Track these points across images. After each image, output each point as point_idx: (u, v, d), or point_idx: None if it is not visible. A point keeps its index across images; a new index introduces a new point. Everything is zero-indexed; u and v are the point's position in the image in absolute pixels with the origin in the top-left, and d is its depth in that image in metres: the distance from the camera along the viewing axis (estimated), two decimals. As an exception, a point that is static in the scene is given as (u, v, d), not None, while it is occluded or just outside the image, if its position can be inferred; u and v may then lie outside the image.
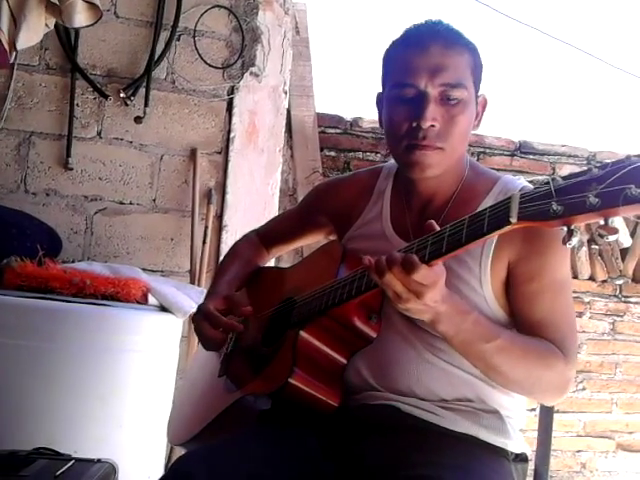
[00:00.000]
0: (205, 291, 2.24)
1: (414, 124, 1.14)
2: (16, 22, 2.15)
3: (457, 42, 1.17)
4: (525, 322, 1.14)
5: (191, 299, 2.06)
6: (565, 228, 0.81)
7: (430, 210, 1.22)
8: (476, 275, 1.14)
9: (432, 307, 0.98)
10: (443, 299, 0.98)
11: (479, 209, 1.15)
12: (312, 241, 1.53)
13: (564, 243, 0.81)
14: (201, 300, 2.13)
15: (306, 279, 1.27)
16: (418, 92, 1.14)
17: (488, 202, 1.18)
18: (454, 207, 1.20)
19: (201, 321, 1.28)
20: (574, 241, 0.81)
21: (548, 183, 0.83)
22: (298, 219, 1.49)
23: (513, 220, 0.85)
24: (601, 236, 0.79)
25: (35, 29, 2.19)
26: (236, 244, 1.56)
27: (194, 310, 2.07)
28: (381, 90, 1.26)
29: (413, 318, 1.14)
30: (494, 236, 0.92)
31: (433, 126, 1.13)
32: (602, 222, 0.79)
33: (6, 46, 2.15)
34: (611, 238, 0.79)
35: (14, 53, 2.23)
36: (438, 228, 0.96)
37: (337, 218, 1.38)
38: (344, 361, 1.16)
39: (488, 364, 1.07)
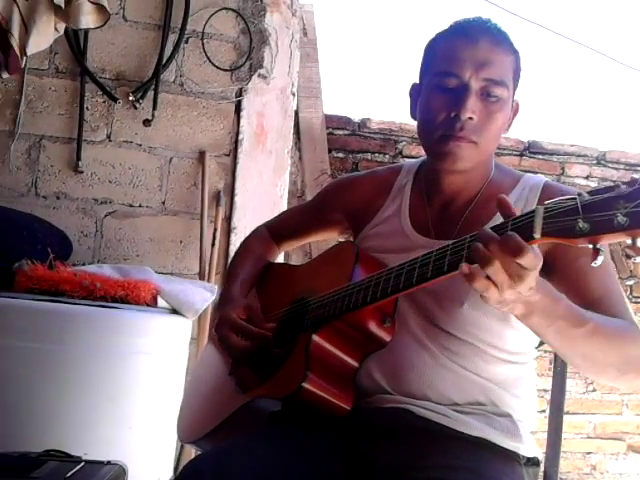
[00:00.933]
0: (216, 287, 2.26)
1: (452, 114, 1.13)
2: (27, 27, 2.16)
3: (505, 42, 1.17)
4: (584, 303, 1.05)
5: (204, 290, 2.06)
6: (591, 246, 0.79)
7: (453, 208, 1.22)
8: None
9: (526, 297, 0.89)
10: (537, 286, 0.89)
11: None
12: (324, 237, 1.53)
13: (590, 262, 0.78)
14: (213, 294, 2.14)
15: (319, 280, 1.26)
16: (461, 83, 1.14)
17: (512, 199, 1.17)
18: (477, 207, 1.20)
19: (228, 333, 1.26)
20: (599, 260, 0.78)
21: (574, 199, 0.81)
22: (311, 214, 1.47)
23: (537, 236, 0.83)
24: (628, 257, 0.78)
25: (45, 34, 2.20)
26: (247, 240, 1.54)
27: (207, 305, 2.08)
28: (418, 81, 1.25)
29: (430, 320, 1.15)
30: None
31: (471, 119, 1.13)
32: (629, 242, 0.77)
33: (17, 51, 2.17)
34: (639, 259, 0.77)
35: (24, 58, 2.25)
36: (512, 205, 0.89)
37: (353, 215, 1.36)
38: (356, 364, 1.16)
39: (584, 351, 1.01)
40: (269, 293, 1.40)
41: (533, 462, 1.20)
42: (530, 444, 1.18)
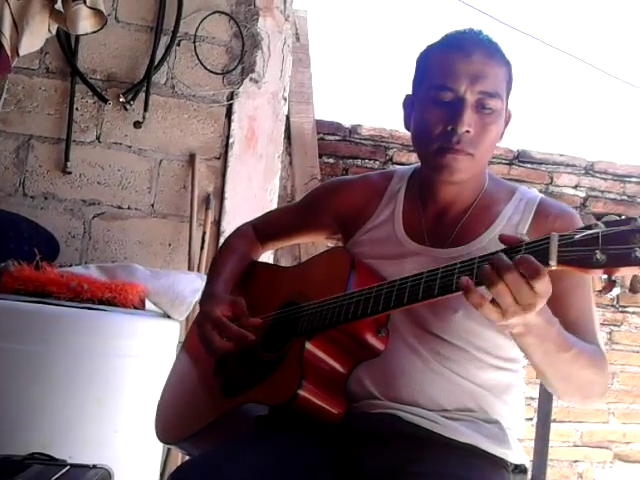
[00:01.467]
0: (204, 276, 2.23)
1: (449, 128, 1.14)
2: (17, 28, 2.15)
3: (498, 54, 1.18)
4: (562, 322, 1.07)
5: (195, 279, 2.04)
6: (605, 276, 0.81)
7: (447, 217, 1.22)
8: None
9: (527, 319, 0.91)
10: (539, 311, 0.91)
11: (500, 216, 1.19)
12: (310, 240, 1.52)
13: (605, 293, 0.82)
14: (201, 283, 2.11)
15: (311, 284, 1.25)
16: (456, 97, 1.15)
17: (509, 211, 1.20)
18: (472, 217, 1.21)
19: (209, 330, 1.24)
20: (615, 291, 0.82)
21: (591, 228, 0.82)
22: (300, 216, 1.45)
23: (552, 263, 0.84)
24: (634, 288, 0.80)
25: (38, 34, 2.19)
26: (230, 238, 1.52)
27: (197, 297, 2.06)
28: (411, 93, 1.26)
29: (422, 326, 1.14)
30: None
31: (468, 132, 1.14)
32: None
33: (8, 52, 2.15)
34: None
35: (16, 59, 2.23)
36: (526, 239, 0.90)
37: (343, 219, 1.35)
38: (347, 372, 1.15)
39: (563, 373, 1.05)
40: (254, 293, 1.37)
41: (520, 469, 1.20)
42: (518, 451, 1.18)
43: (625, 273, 0.80)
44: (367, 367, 1.16)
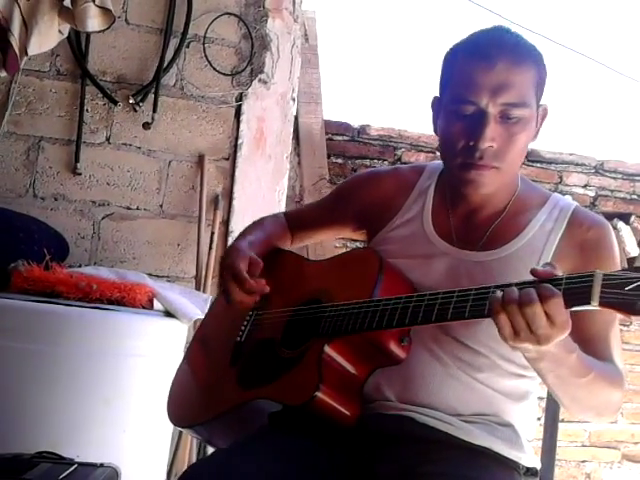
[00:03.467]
0: (211, 298, 2.25)
1: (471, 143, 1.10)
2: (27, 27, 2.16)
3: (525, 58, 1.12)
4: (582, 336, 1.07)
5: (196, 306, 2.06)
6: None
7: (477, 218, 1.19)
8: None
9: (543, 350, 0.91)
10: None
11: (533, 222, 1.17)
12: (337, 234, 1.48)
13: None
14: (206, 307, 2.14)
15: (336, 283, 1.22)
16: (478, 110, 1.10)
17: (541, 217, 1.17)
18: (504, 222, 1.18)
19: (229, 280, 1.23)
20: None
21: (637, 270, 0.81)
22: (328, 208, 1.43)
23: (594, 304, 0.83)
24: None
25: (48, 34, 2.20)
26: (264, 217, 1.50)
27: (199, 317, 2.09)
28: (438, 94, 1.21)
29: (445, 331, 1.13)
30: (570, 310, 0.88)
31: (491, 146, 1.10)
32: None
33: (17, 51, 2.17)
34: None
35: (24, 58, 2.25)
36: (559, 273, 0.90)
37: (369, 213, 1.32)
38: (364, 376, 1.14)
39: (575, 396, 1.05)
40: (277, 280, 1.33)
41: (532, 472, 1.19)
42: (530, 454, 1.18)
43: None
44: (385, 369, 1.14)
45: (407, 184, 1.29)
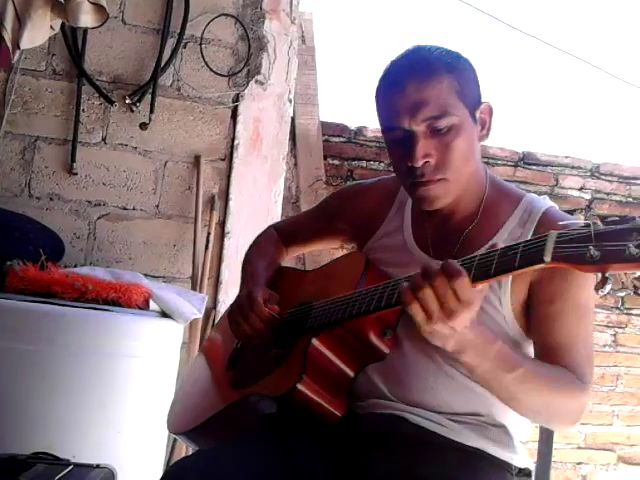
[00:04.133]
0: (207, 297, 2.26)
1: (409, 164, 1.13)
2: (20, 21, 2.15)
3: (434, 72, 1.14)
4: (543, 345, 1.12)
5: (193, 306, 2.06)
6: (599, 275, 0.80)
7: (449, 227, 1.21)
8: (496, 293, 1.12)
9: (459, 333, 0.94)
10: (472, 325, 0.95)
11: (503, 229, 1.17)
12: (329, 246, 1.52)
13: (596, 290, 0.81)
14: (202, 307, 2.15)
15: (325, 286, 1.26)
16: (404, 132, 1.14)
17: (512, 223, 1.17)
18: (475, 228, 1.19)
19: (244, 309, 1.27)
20: (607, 289, 0.80)
21: (588, 226, 0.82)
22: (318, 222, 1.47)
23: (547, 259, 0.84)
24: (636, 288, 0.79)
25: (40, 29, 2.18)
26: (259, 241, 1.54)
27: (195, 316, 2.09)
28: None
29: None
30: (526, 272, 0.89)
31: (428, 162, 1.12)
32: (639, 273, 0.78)
33: (9, 45, 2.16)
34: None
35: (17, 53, 2.23)
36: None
37: (357, 225, 1.36)
38: (352, 374, 1.16)
39: (509, 394, 1.05)
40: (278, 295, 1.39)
41: (525, 473, 1.20)
42: (523, 455, 1.19)
43: (618, 270, 0.79)
44: (379, 366, 1.16)
45: (389, 195, 1.33)
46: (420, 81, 1.13)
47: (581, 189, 3.20)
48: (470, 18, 3.31)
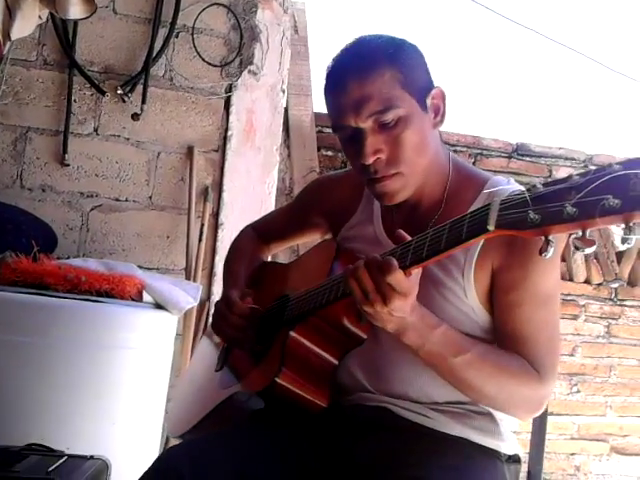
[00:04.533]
0: (201, 287, 2.25)
1: (361, 161, 1.11)
2: (11, 12, 2.13)
3: (374, 66, 1.10)
4: (500, 332, 1.11)
5: (188, 295, 2.05)
6: (543, 238, 0.78)
7: (417, 216, 1.19)
8: (460, 284, 1.12)
9: (398, 317, 0.97)
10: (412, 310, 0.98)
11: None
12: (308, 239, 1.53)
13: (540, 253, 0.78)
14: (198, 296, 2.14)
15: (301, 277, 1.27)
16: (352, 130, 1.11)
17: (476, 206, 1.12)
18: (441, 217, 1.17)
19: (223, 309, 1.28)
20: (550, 252, 0.77)
21: (527, 191, 0.80)
22: (293, 217, 1.48)
23: (490, 228, 0.83)
24: (577, 248, 0.75)
25: (29, 19, 2.17)
26: (238, 241, 1.54)
27: (191, 305, 2.09)
28: None
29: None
30: (473, 243, 0.89)
31: (379, 158, 1.10)
32: (580, 233, 0.75)
33: (0, 36, 2.14)
34: (587, 251, 0.75)
35: (8, 44, 2.21)
36: (408, 238, 0.97)
37: (331, 216, 1.37)
38: (335, 362, 1.16)
39: (457, 378, 1.06)
40: (260, 290, 1.40)
41: (514, 459, 1.20)
42: (511, 442, 1.18)
43: (561, 232, 0.77)
44: (358, 359, 1.16)
45: (360, 186, 1.31)
46: (361, 77, 1.10)
47: (574, 180, 3.20)
48: (464, 8, 3.30)
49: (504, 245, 1.08)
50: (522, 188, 1.16)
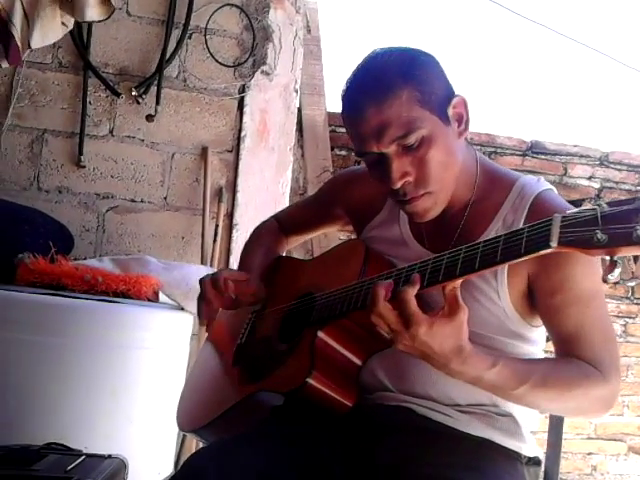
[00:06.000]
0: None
1: (390, 186, 1.10)
2: (29, 21, 2.16)
3: (390, 88, 1.06)
4: (556, 337, 1.10)
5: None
6: (607, 258, 0.79)
7: (445, 217, 1.17)
8: (493, 287, 1.10)
9: (421, 344, 0.95)
10: (461, 358, 0.95)
11: (497, 216, 1.13)
12: (329, 231, 1.53)
13: (605, 275, 0.79)
14: None
15: (327, 276, 1.25)
16: (377, 156, 1.10)
17: (505, 209, 1.14)
18: (470, 217, 1.16)
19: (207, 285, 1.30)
20: (616, 273, 0.78)
21: (594, 209, 0.80)
22: (315, 209, 1.46)
23: (553, 245, 0.82)
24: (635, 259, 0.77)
25: (51, 27, 2.19)
26: (258, 231, 1.54)
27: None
28: None
29: None
30: (530, 257, 0.87)
31: (407, 180, 1.08)
32: None
33: (19, 43, 2.16)
34: None
35: (27, 51, 2.24)
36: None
37: (354, 212, 1.35)
38: (360, 362, 1.15)
39: (519, 403, 1.06)
40: (277, 285, 1.40)
41: (534, 462, 1.19)
42: (531, 444, 1.18)
43: (627, 253, 0.78)
44: (381, 359, 1.16)
45: None
46: (378, 102, 1.06)
47: (590, 178, 3.19)
48: (477, 5, 3.28)
49: None
50: (552, 187, 1.17)
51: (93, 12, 2.20)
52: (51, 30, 2.20)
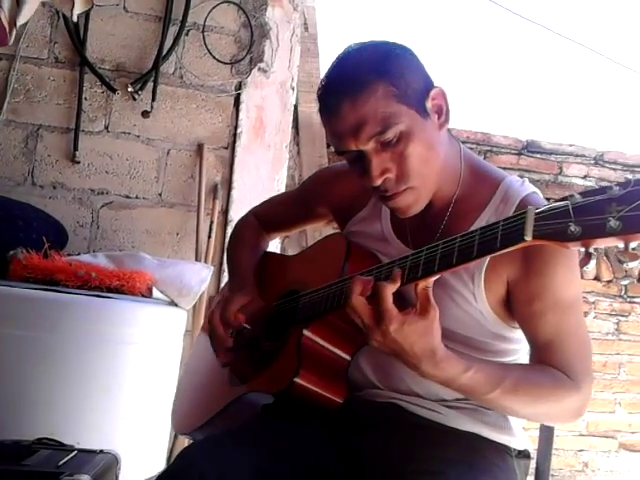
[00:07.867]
0: (211, 267, 2.26)
1: (370, 184, 1.08)
2: (19, 1, 2.12)
3: (365, 84, 1.04)
4: (532, 342, 1.10)
5: (202, 270, 2.06)
6: (582, 250, 0.78)
7: (428, 215, 1.16)
8: (470, 289, 1.10)
9: (392, 346, 0.95)
10: (433, 361, 0.95)
11: (481, 216, 1.11)
12: (310, 227, 1.51)
13: (581, 266, 0.79)
14: (208, 279, 2.14)
15: (310, 272, 1.26)
16: (355, 153, 1.08)
17: (489, 212, 1.12)
18: (453, 218, 1.15)
19: (217, 321, 1.29)
20: (591, 265, 0.78)
21: (566, 200, 0.79)
22: (297, 206, 1.44)
23: (528, 238, 0.81)
24: (620, 262, 0.77)
25: (32, 4, 2.15)
26: (240, 229, 1.52)
27: (204, 287, 2.08)
28: None
29: None
30: (505, 251, 0.86)
31: (387, 177, 1.07)
32: (622, 246, 0.75)
33: (6, 24, 2.13)
34: (631, 265, 0.76)
35: (14, 32, 2.20)
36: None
37: (338, 209, 1.34)
38: (349, 358, 1.16)
39: (491, 407, 1.07)
40: (263, 283, 1.39)
41: (524, 454, 1.20)
42: (521, 437, 1.18)
43: (602, 245, 0.77)
44: (367, 356, 1.16)
45: None
46: (353, 100, 1.04)
47: (585, 177, 3.19)
48: (473, 4, 3.29)
49: (518, 254, 1.03)
50: (537, 190, 1.15)
51: (77, 5, 2.14)
52: (32, 6, 2.16)
